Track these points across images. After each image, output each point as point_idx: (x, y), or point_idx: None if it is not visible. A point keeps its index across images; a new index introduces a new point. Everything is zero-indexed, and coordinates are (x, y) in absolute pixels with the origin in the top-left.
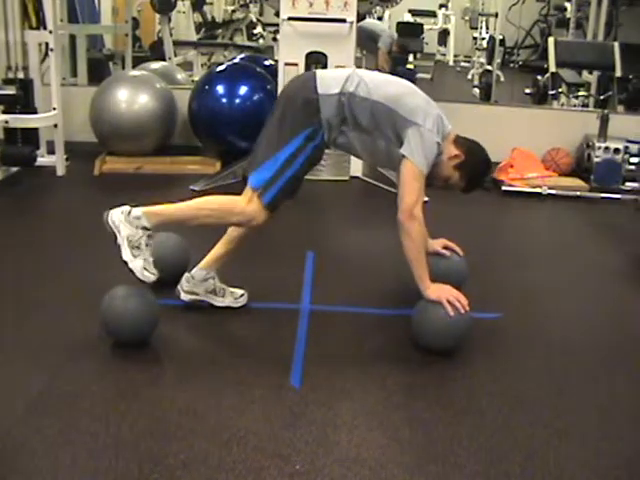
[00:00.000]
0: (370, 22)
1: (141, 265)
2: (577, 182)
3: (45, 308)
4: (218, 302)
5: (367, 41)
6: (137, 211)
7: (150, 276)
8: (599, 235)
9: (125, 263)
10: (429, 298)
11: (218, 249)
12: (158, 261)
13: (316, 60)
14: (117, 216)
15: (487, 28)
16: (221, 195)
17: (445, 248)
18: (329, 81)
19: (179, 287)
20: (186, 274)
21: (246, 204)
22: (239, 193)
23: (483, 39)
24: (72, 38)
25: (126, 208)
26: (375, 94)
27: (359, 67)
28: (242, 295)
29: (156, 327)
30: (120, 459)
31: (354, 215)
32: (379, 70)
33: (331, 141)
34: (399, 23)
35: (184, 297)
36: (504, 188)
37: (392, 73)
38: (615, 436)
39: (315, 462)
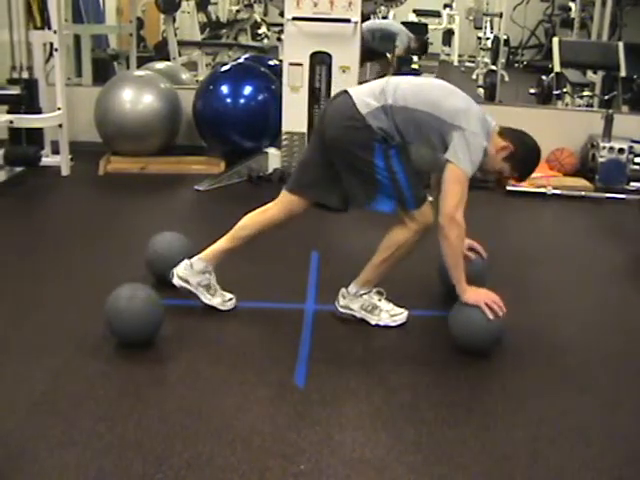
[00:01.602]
0: (385, 22)
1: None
2: (581, 182)
3: (48, 308)
4: (206, 299)
5: (383, 41)
6: (354, 288)
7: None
8: (603, 235)
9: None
10: (467, 301)
11: (223, 244)
12: (162, 260)
13: (321, 60)
14: (345, 301)
15: (491, 28)
16: (390, 240)
17: (470, 249)
18: (365, 99)
19: (175, 270)
20: (186, 260)
21: (412, 226)
22: (244, 193)
23: (487, 39)
24: (77, 38)
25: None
26: (413, 102)
27: (365, 67)
28: (230, 299)
29: (161, 327)
30: (124, 459)
31: (359, 215)
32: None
33: None
34: (404, 23)
35: (176, 282)
36: (508, 188)
37: (397, 73)
38: (618, 435)
39: (319, 462)
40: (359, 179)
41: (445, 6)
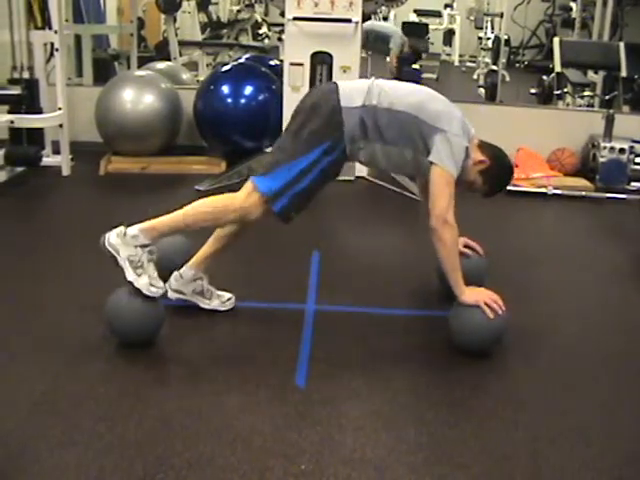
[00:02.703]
0: (380, 24)
1: (146, 282)
2: (582, 182)
3: (48, 308)
4: (205, 304)
5: (377, 43)
6: (133, 230)
7: (157, 290)
8: (604, 235)
9: (130, 283)
10: (466, 302)
11: (207, 248)
12: (163, 261)
13: (321, 60)
14: (114, 239)
15: (492, 28)
16: (214, 196)
17: (466, 247)
18: (351, 93)
19: (167, 285)
20: (175, 272)
21: (244, 200)
22: None
23: (488, 39)
24: (77, 38)
25: (121, 229)
26: (398, 104)
27: (364, 67)
28: (229, 299)
29: (161, 327)
30: (125, 459)
31: (360, 215)
32: (392, 71)
33: (353, 154)
34: (404, 23)
35: (171, 295)
36: (509, 188)
37: (399, 74)
38: (618, 435)
39: (320, 462)
40: (283, 149)
41: (446, 6)
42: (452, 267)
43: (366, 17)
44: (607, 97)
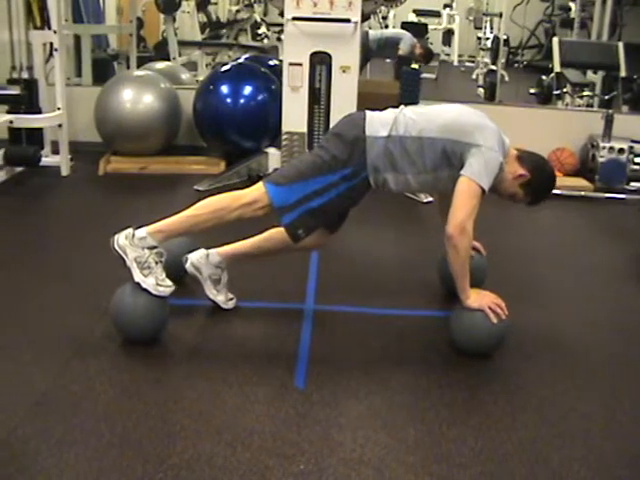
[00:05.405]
0: (389, 30)
1: (153, 283)
2: (582, 182)
3: (49, 308)
4: (211, 293)
5: (386, 48)
6: (141, 232)
7: (165, 290)
8: (603, 235)
9: (138, 284)
10: (471, 306)
11: (244, 248)
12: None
13: (321, 60)
14: (122, 241)
15: (491, 28)
16: (219, 195)
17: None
18: (377, 123)
19: (190, 256)
20: (204, 250)
21: (250, 200)
22: None
23: (487, 39)
24: (77, 38)
25: (129, 231)
26: (427, 130)
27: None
28: (231, 299)
29: (166, 324)
30: (124, 459)
31: (359, 214)
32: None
33: (379, 185)
34: (404, 23)
35: (188, 267)
36: None
37: (397, 74)
38: (619, 436)
39: (319, 462)
40: (304, 165)
41: (445, 6)
42: (461, 273)
43: (365, 17)
44: (606, 97)
